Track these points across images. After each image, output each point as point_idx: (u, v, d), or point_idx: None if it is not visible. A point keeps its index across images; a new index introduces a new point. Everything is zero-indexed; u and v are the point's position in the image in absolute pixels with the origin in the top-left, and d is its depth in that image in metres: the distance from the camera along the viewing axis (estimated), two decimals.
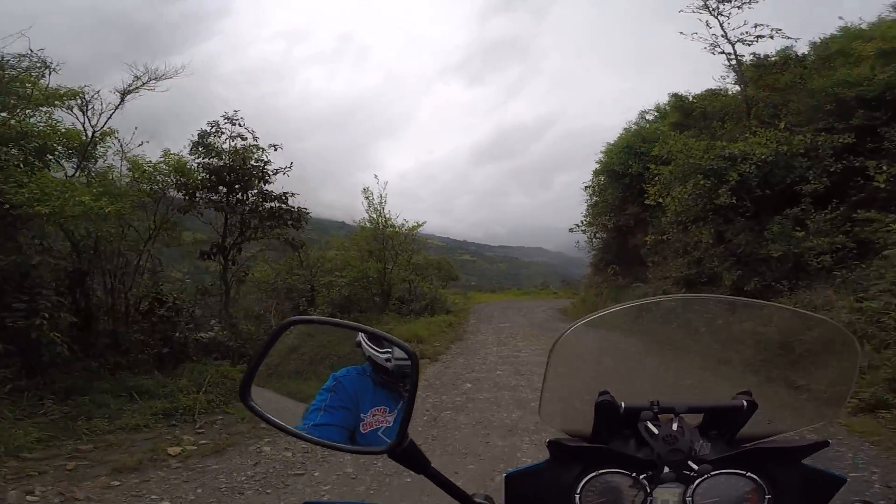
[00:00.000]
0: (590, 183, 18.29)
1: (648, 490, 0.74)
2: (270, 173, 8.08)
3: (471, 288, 36.41)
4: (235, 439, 4.52)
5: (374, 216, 15.76)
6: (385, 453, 0.78)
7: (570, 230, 18.62)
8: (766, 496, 0.74)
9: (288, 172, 8.23)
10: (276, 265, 14.10)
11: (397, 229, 16.01)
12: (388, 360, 0.85)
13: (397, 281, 16.34)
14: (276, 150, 8.31)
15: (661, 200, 11.64)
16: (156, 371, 5.82)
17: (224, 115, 7.92)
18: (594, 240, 18.60)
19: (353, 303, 14.76)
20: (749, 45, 12.19)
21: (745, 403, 0.78)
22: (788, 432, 0.82)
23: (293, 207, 8.25)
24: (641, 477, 0.74)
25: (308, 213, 9.44)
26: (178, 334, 6.64)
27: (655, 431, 0.75)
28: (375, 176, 15.97)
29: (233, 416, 5.21)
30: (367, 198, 15.70)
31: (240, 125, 7.96)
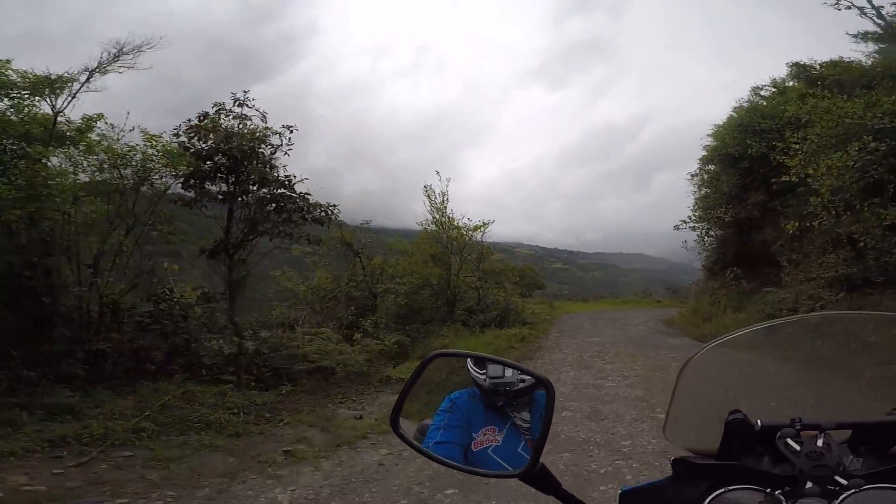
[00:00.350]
0: (696, 171, 15.77)
1: None
2: (266, 154, 6.86)
3: (562, 297, 33.67)
4: (70, 495, 3.18)
5: (437, 216, 14.42)
6: (517, 476, 0.80)
7: (676, 227, 16.11)
8: None
9: (289, 150, 7.02)
10: (336, 273, 13.47)
11: (461, 230, 14.45)
12: (484, 379, 0.91)
13: (464, 288, 14.75)
14: (291, 132, 7.21)
15: (808, 173, 8.91)
16: (98, 386, 4.83)
17: (232, 96, 7.03)
18: (706, 238, 15.81)
19: (415, 312, 13.48)
20: None
21: None
22: None
23: (296, 194, 6.97)
24: (777, 492, 0.71)
25: (336, 206, 8.24)
26: (162, 344, 5.71)
27: (797, 448, 0.71)
28: (437, 172, 14.40)
29: (151, 451, 3.97)
30: (428, 196, 14.39)
31: (248, 106, 6.98)
